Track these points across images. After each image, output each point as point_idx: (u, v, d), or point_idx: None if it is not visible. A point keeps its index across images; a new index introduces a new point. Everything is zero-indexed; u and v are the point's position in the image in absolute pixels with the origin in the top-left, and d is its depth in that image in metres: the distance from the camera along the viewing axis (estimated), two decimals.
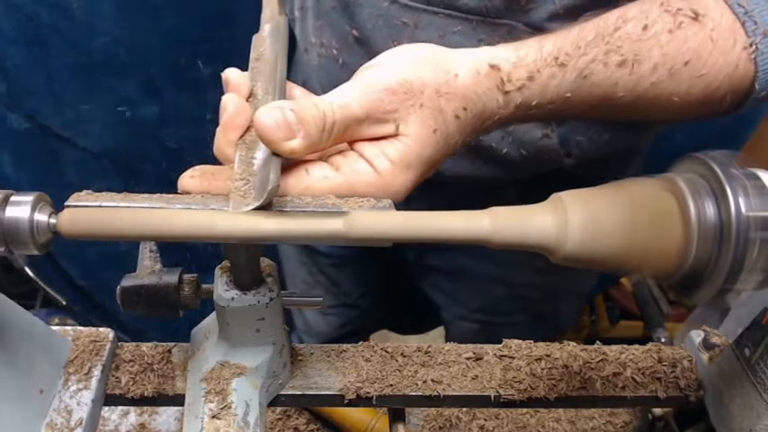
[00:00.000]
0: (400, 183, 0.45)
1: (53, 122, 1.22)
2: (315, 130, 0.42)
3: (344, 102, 0.43)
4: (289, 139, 0.41)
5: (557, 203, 0.40)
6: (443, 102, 0.46)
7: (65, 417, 0.48)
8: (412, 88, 0.45)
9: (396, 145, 0.45)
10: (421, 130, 0.45)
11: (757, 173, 0.38)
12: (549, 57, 0.48)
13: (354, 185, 0.44)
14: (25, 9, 1.08)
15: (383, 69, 0.46)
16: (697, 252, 0.38)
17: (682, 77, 0.50)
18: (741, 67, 0.51)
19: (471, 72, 0.46)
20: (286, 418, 0.77)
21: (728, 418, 0.50)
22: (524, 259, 0.45)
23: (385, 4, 0.66)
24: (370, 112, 0.44)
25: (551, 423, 0.74)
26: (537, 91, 0.48)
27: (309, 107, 0.42)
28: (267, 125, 0.41)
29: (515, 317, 0.99)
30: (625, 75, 0.49)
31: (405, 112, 0.45)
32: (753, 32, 0.50)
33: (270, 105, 0.42)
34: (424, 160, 0.46)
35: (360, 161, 0.45)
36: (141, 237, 0.41)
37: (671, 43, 0.49)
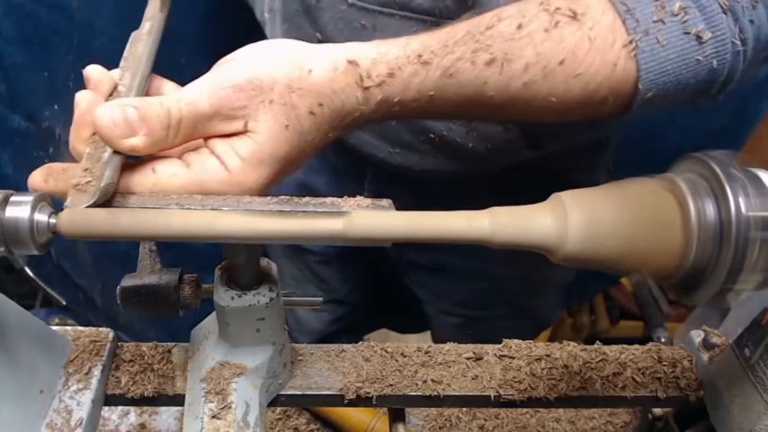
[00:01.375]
0: (252, 180, 0.44)
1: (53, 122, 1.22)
2: (159, 127, 0.42)
3: (192, 99, 0.43)
4: (128, 137, 0.41)
5: (557, 203, 0.40)
6: (296, 98, 0.45)
7: (65, 417, 0.48)
8: (261, 85, 0.44)
9: (246, 142, 0.44)
10: (272, 126, 0.44)
11: (757, 173, 0.38)
12: (413, 54, 0.47)
13: (205, 183, 0.43)
14: (25, 9, 1.08)
15: (236, 65, 0.45)
16: (697, 252, 0.38)
17: (557, 78, 0.49)
18: (620, 67, 0.49)
19: (328, 68, 0.46)
20: (286, 418, 0.77)
21: (728, 418, 0.50)
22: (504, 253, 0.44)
23: (343, 6, 0.66)
24: (217, 109, 0.44)
25: (551, 423, 0.74)
26: (398, 88, 0.47)
27: (154, 105, 0.42)
28: (103, 123, 0.41)
29: (496, 311, 1.00)
30: (494, 74, 0.48)
31: (254, 108, 0.44)
32: (633, 30, 0.49)
33: (111, 103, 0.42)
34: (278, 157, 0.45)
35: (210, 158, 0.44)
36: (141, 237, 0.41)
37: (545, 42, 0.48)
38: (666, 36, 0.49)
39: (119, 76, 0.48)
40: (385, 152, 0.77)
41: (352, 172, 0.86)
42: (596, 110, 0.52)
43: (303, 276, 1.06)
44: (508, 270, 0.93)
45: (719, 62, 0.50)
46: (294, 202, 0.42)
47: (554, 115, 0.52)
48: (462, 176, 0.76)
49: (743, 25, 0.50)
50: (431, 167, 0.76)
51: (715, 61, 0.50)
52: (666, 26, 0.49)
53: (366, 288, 1.12)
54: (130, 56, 0.50)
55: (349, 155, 0.80)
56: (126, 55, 0.50)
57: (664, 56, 0.49)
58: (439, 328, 1.09)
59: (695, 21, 0.49)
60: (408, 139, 0.74)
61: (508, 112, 0.51)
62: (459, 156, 0.74)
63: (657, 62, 0.49)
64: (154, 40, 0.52)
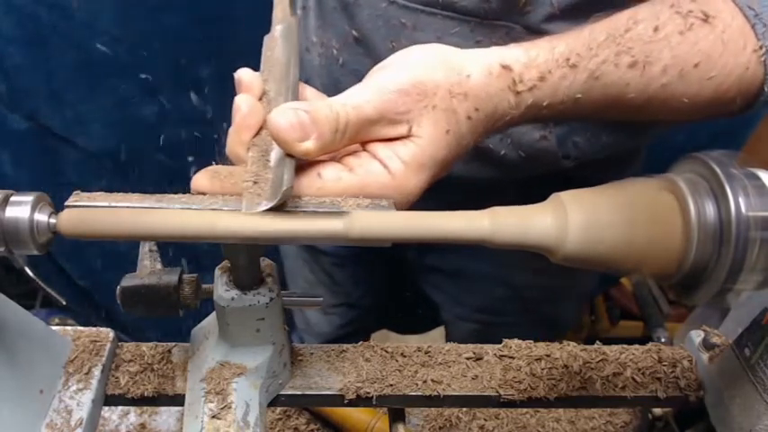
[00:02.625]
0: (413, 184, 0.45)
1: (53, 122, 1.22)
2: (328, 130, 0.42)
3: (358, 103, 0.44)
4: (302, 140, 0.41)
5: (557, 203, 0.40)
6: (456, 102, 0.46)
7: (65, 417, 0.48)
8: (425, 89, 0.45)
9: (409, 146, 0.45)
10: (434, 131, 0.45)
11: (757, 173, 0.38)
12: (561, 57, 0.48)
13: (367, 186, 0.44)
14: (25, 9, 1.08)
15: (396, 70, 0.46)
16: (697, 252, 0.38)
17: (692, 79, 0.50)
18: (751, 70, 0.51)
19: (483, 73, 0.47)
20: (286, 418, 0.77)
21: (728, 418, 0.50)
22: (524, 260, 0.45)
23: (383, 4, 0.66)
24: (383, 113, 0.44)
25: (551, 423, 0.74)
26: (548, 92, 0.48)
27: (323, 108, 0.42)
28: (281, 126, 0.41)
29: (515, 318, 0.99)
30: (636, 76, 0.49)
31: (418, 113, 0.45)
32: (762, 35, 0.50)
33: (284, 106, 0.42)
34: (437, 161, 0.46)
35: (373, 162, 0.45)
36: (141, 237, 0.41)
37: (681, 45, 0.49)
38: None
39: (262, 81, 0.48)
40: None
41: None
42: (724, 109, 0.53)
43: (316, 279, 1.06)
44: (528, 277, 0.92)
45: None
46: (294, 202, 0.42)
47: (684, 115, 0.53)
48: (491, 183, 0.75)
49: None
50: (460, 173, 0.75)
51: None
52: None
53: (379, 292, 1.11)
54: (270, 60, 0.50)
55: None
56: (265, 59, 0.50)
57: None
58: (455, 333, 1.08)
59: None
60: None
61: (644, 111, 0.52)
62: (491, 163, 0.74)
63: None
64: (293, 43, 0.51)
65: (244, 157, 0.43)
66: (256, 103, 0.45)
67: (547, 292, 0.96)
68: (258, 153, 0.43)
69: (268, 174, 0.41)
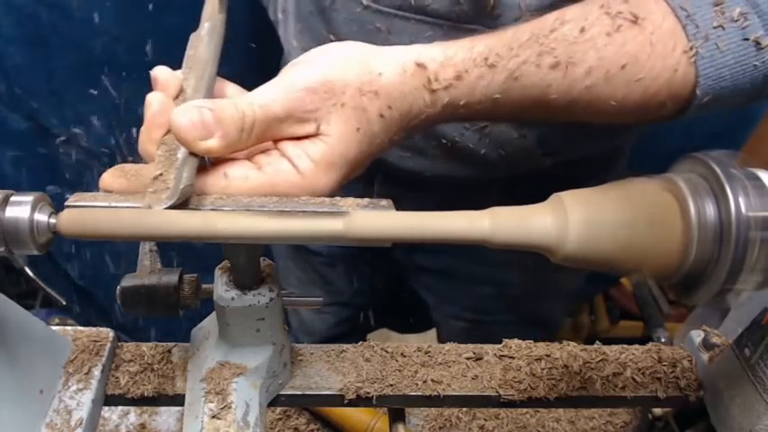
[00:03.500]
0: (323, 183, 0.45)
1: (53, 122, 1.22)
2: (233, 129, 0.42)
3: (265, 101, 0.43)
4: (205, 139, 0.42)
5: (557, 203, 0.40)
6: (366, 101, 0.45)
7: (65, 417, 0.48)
8: (333, 87, 0.44)
9: (318, 145, 0.45)
10: (343, 129, 0.45)
11: (757, 173, 0.38)
12: (479, 57, 0.47)
13: (276, 185, 0.43)
14: (25, 9, 1.08)
15: (306, 67, 0.45)
16: (697, 252, 0.38)
17: (618, 81, 0.49)
18: (680, 72, 0.49)
19: (397, 71, 0.46)
20: (286, 418, 0.77)
21: (728, 418, 0.50)
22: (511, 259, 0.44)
23: (358, 9, 0.66)
24: (290, 112, 0.44)
25: (551, 423, 0.74)
26: (465, 91, 0.47)
27: (228, 107, 0.42)
28: (181, 124, 0.41)
29: (504, 316, 1.00)
30: (558, 77, 0.48)
31: (326, 111, 0.44)
32: (694, 36, 0.49)
33: (187, 105, 0.42)
34: (347, 160, 0.46)
35: (282, 161, 0.44)
36: (141, 237, 0.41)
37: (608, 46, 0.48)
38: (726, 42, 0.49)
39: (182, 78, 0.48)
40: (395, 156, 0.76)
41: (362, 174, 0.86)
42: (654, 113, 0.52)
43: (308, 278, 1.06)
44: (516, 275, 0.93)
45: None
46: (294, 202, 0.42)
47: (613, 118, 0.52)
48: (473, 182, 0.76)
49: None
50: (442, 172, 0.76)
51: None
52: (726, 32, 0.49)
53: (371, 291, 1.11)
54: (192, 57, 0.50)
55: None
56: (188, 56, 0.50)
57: (722, 62, 0.49)
58: (446, 332, 1.09)
59: (754, 27, 0.49)
60: (420, 143, 0.74)
61: (569, 113, 0.51)
62: (470, 162, 0.74)
63: (716, 68, 0.50)
64: (216, 41, 0.52)
65: (154, 154, 0.43)
66: (168, 101, 0.45)
67: (532, 289, 0.97)
68: (166, 151, 0.43)
69: (172, 172, 0.41)
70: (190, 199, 0.41)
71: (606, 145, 0.81)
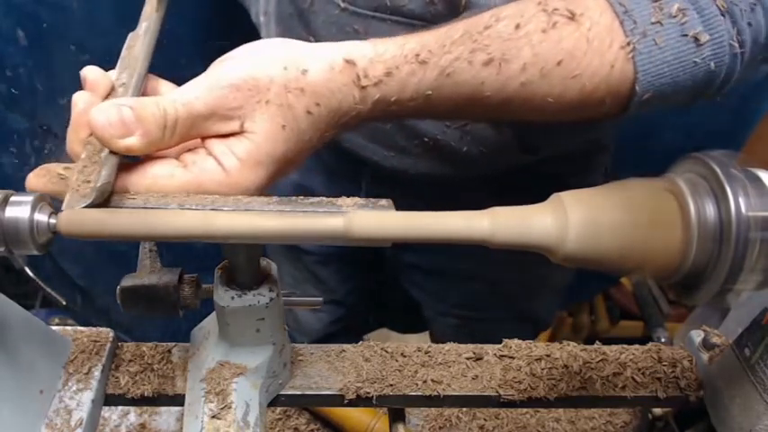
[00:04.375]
0: (250, 181, 0.44)
1: (53, 122, 1.22)
2: (155, 128, 0.42)
3: (188, 99, 0.43)
4: (124, 137, 0.41)
5: (557, 203, 0.40)
6: (292, 98, 0.45)
7: (65, 417, 0.48)
8: (257, 84, 0.44)
9: (244, 143, 0.44)
10: (269, 127, 0.44)
11: (757, 173, 0.38)
12: (410, 53, 0.47)
13: (202, 183, 0.43)
14: (25, 9, 1.08)
15: (232, 64, 0.45)
16: (697, 252, 0.38)
17: (554, 78, 0.48)
18: (618, 68, 0.49)
19: (324, 67, 0.45)
20: (286, 418, 0.77)
21: (728, 418, 0.50)
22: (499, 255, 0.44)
23: (336, 11, 0.66)
24: (214, 109, 0.43)
25: (551, 423, 0.74)
26: (395, 87, 0.47)
27: (150, 105, 0.42)
28: (99, 123, 0.41)
29: (494, 313, 1.00)
30: (492, 74, 0.48)
31: (250, 108, 0.44)
32: (631, 32, 0.48)
33: (107, 103, 0.42)
34: (275, 158, 0.45)
35: (208, 159, 0.44)
36: (141, 237, 0.41)
37: (543, 43, 0.48)
38: (664, 38, 0.48)
39: (116, 77, 0.48)
40: (380, 155, 0.77)
41: (348, 173, 0.86)
42: (593, 110, 0.51)
43: (302, 276, 1.06)
44: (505, 272, 0.93)
45: (717, 64, 0.50)
46: (294, 202, 0.42)
47: (551, 115, 0.51)
48: (457, 179, 0.76)
49: (741, 28, 0.49)
50: (425, 171, 0.76)
51: (713, 63, 0.49)
52: (664, 28, 0.48)
53: (365, 289, 1.12)
54: (127, 56, 0.50)
55: (345, 157, 0.80)
56: (123, 55, 0.50)
57: (661, 58, 0.49)
58: (438, 329, 1.10)
59: (693, 23, 0.49)
60: (402, 142, 0.74)
61: (505, 111, 0.51)
62: (453, 160, 0.74)
63: (654, 64, 0.49)
64: (150, 39, 0.52)
65: (80, 154, 0.43)
66: (94, 100, 0.44)
67: (523, 286, 0.97)
68: (91, 151, 0.42)
69: (93, 171, 0.41)
70: (110, 197, 0.41)
71: (586, 139, 0.81)
